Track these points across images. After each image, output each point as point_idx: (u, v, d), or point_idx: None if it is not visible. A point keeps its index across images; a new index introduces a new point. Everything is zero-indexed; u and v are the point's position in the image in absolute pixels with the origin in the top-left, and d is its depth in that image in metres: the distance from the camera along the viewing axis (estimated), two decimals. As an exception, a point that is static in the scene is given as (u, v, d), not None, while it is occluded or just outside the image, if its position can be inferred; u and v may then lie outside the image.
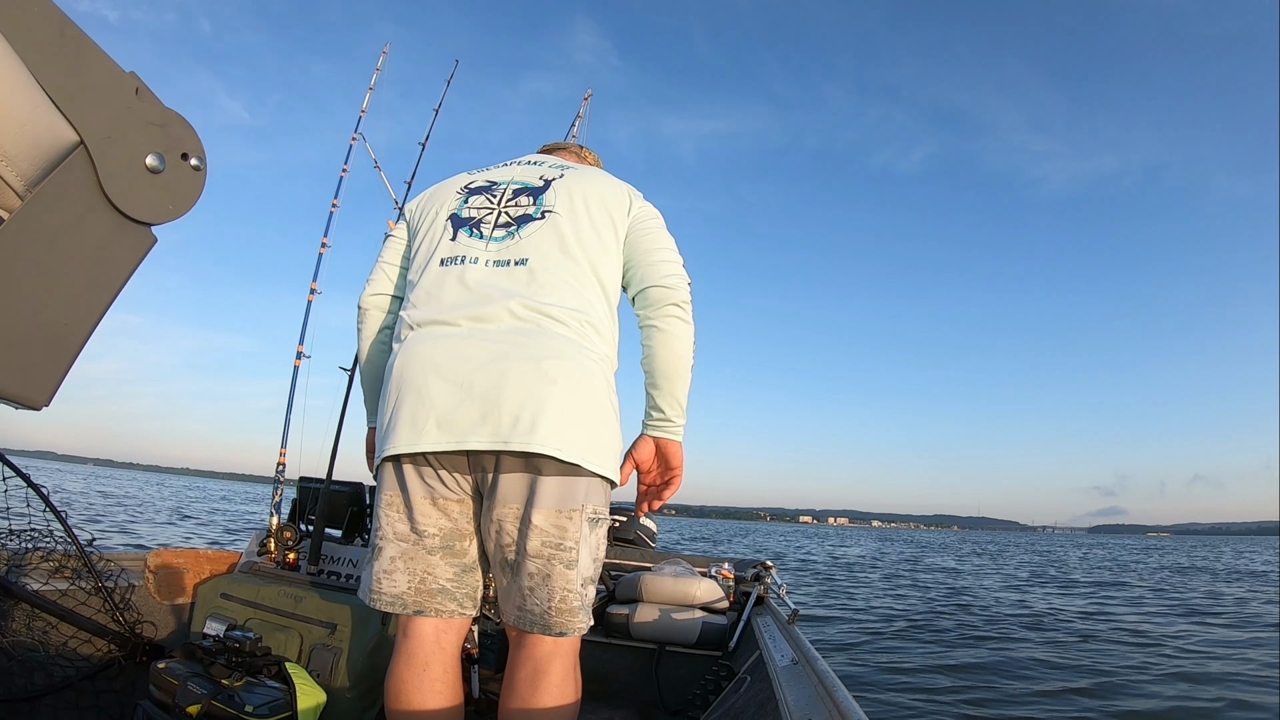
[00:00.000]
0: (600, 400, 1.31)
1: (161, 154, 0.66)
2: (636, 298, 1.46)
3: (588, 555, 1.29)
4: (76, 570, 2.03)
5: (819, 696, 1.45)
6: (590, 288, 1.38)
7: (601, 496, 1.32)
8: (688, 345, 1.43)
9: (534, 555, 1.25)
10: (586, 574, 1.29)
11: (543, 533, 1.25)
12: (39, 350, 0.62)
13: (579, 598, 1.27)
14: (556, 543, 1.25)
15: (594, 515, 1.29)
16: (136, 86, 0.64)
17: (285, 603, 2.04)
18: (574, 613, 1.26)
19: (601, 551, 1.34)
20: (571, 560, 1.26)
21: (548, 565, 1.25)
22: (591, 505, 1.29)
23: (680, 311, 1.43)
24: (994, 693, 4.81)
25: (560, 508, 1.25)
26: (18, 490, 1.87)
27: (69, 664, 1.85)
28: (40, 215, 0.59)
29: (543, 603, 1.25)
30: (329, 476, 2.43)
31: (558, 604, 1.25)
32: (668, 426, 1.46)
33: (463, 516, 1.33)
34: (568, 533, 1.26)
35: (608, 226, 1.45)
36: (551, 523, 1.25)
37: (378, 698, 1.87)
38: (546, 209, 1.43)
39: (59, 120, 0.59)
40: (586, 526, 1.28)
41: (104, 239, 0.64)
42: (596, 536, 1.32)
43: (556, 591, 1.25)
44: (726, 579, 3.01)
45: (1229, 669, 5.59)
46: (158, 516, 16.60)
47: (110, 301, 0.67)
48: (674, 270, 1.44)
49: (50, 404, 0.65)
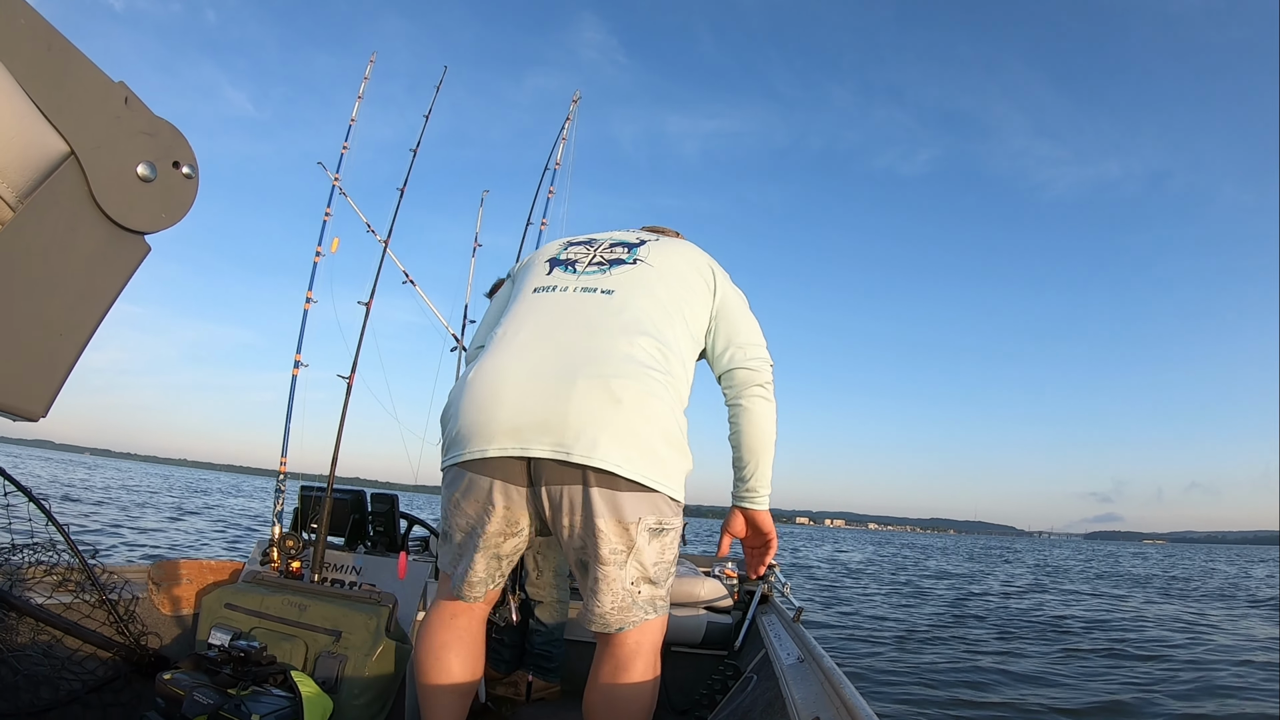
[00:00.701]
0: (665, 421, 1.36)
1: (152, 162, 0.66)
2: (723, 377, 1.58)
3: (647, 560, 1.36)
4: (80, 583, 2.03)
5: (826, 694, 1.45)
6: (668, 328, 1.46)
7: (663, 509, 1.37)
8: (771, 424, 1.55)
9: (601, 561, 1.33)
10: (640, 575, 1.36)
11: (605, 541, 1.32)
12: (34, 361, 0.62)
13: (630, 596, 1.35)
14: (614, 548, 1.32)
15: (657, 526, 1.36)
16: (126, 96, 0.64)
17: (290, 611, 2.04)
18: (627, 610, 1.35)
19: (668, 555, 1.41)
20: (622, 562, 1.33)
21: (605, 570, 1.33)
22: (654, 518, 1.35)
23: (764, 393, 1.55)
24: (1003, 696, 4.80)
25: (621, 519, 1.31)
26: (19, 503, 1.87)
27: (75, 677, 1.85)
28: (32, 226, 0.59)
29: (603, 603, 1.35)
30: (330, 485, 2.43)
31: (611, 605, 1.34)
32: (754, 498, 1.59)
33: (508, 520, 1.40)
34: (624, 541, 1.33)
35: (697, 282, 1.57)
36: (611, 533, 1.31)
37: (385, 704, 1.87)
38: (639, 258, 1.56)
39: (49, 131, 0.59)
40: (646, 536, 1.34)
41: (96, 249, 0.64)
42: (660, 544, 1.38)
43: (613, 594, 1.34)
44: (730, 578, 3.01)
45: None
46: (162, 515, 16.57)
47: (105, 310, 0.67)
48: (759, 354, 1.57)
49: (48, 414, 0.65)
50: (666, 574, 1.41)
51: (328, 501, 2.35)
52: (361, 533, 2.58)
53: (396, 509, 2.55)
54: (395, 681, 1.89)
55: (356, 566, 2.34)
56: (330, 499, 2.38)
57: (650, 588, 1.38)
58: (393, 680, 1.88)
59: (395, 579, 2.20)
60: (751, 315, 1.64)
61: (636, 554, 1.34)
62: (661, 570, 1.39)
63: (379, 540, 2.55)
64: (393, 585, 2.16)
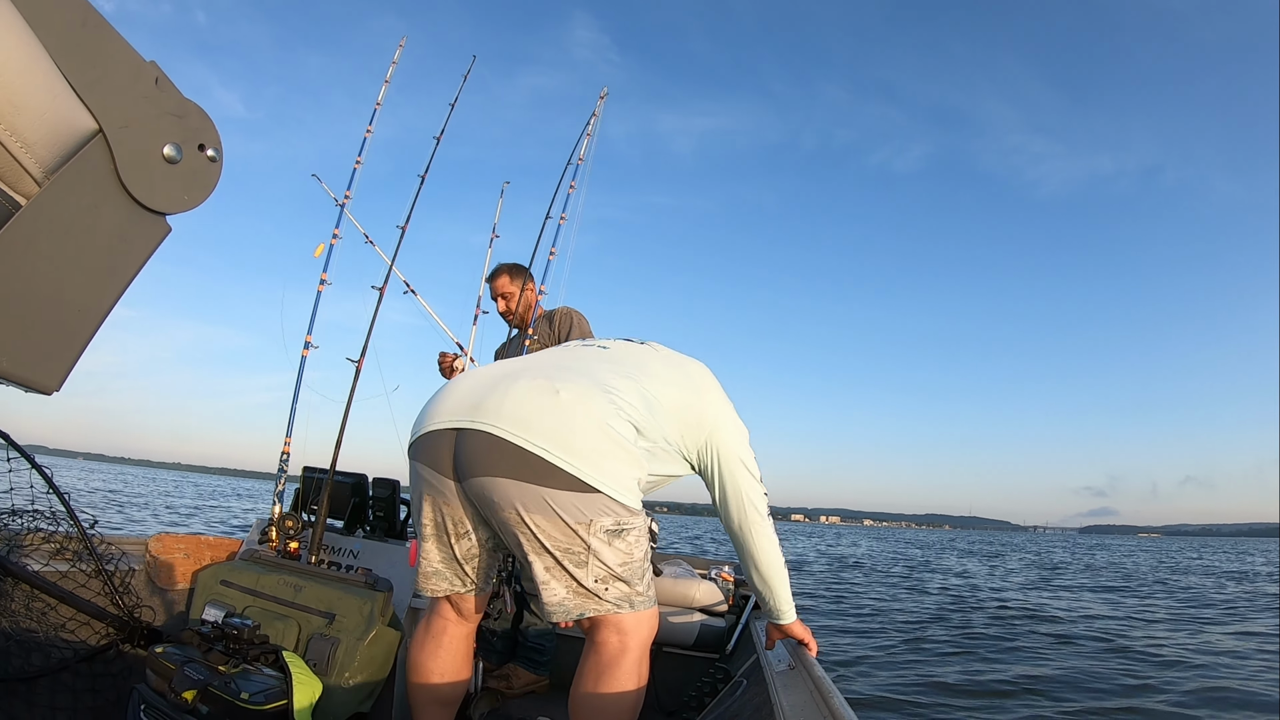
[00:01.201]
0: (612, 423, 1.39)
1: (179, 144, 0.67)
2: (720, 506, 1.64)
3: (610, 560, 1.36)
4: (78, 552, 2.03)
5: (815, 702, 1.45)
6: (647, 397, 1.49)
7: (616, 510, 1.37)
8: (775, 548, 1.65)
9: (544, 553, 1.34)
10: (606, 574, 1.36)
11: (547, 537, 1.33)
12: (52, 335, 0.62)
13: (590, 590, 1.35)
14: (563, 546, 1.33)
15: (615, 527, 1.36)
16: (156, 76, 0.64)
17: (285, 591, 2.04)
18: (587, 600, 1.36)
19: (636, 553, 1.41)
20: (581, 561, 1.34)
21: (553, 563, 1.34)
22: (610, 519, 1.35)
23: (761, 522, 1.62)
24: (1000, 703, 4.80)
25: (565, 518, 1.32)
26: (21, 471, 1.88)
27: (67, 646, 1.86)
28: (57, 202, 0.59)
29: (555, 593, 1.36)
30: (333, 467, 2.44)
31: (568, 594, 1.36)
32: (779, 616, 1.74)
33: (449, 515, 1.45)
34: (577, 542, 1.33)
35: (684, 380, 1.62)
36: (553, 529, 1.32)
37: (374, 689, 1.88)
38: (644, 341, 1.73)
39: (79, 108, 0.59)
40: (603, 537, 1.35)
41: (119, 227, 0.64)
42: (624, 544, 1.38)
43: (562, 590, 1.36)
44: (726, 582, 3.01)
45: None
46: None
47: (123, 289, 0.67)
48: (751, 485, 1.62)
49: (60, 389, 0.65)
50: (637, 568, 1.41)
51: (329, 483, 2.36)
52: (361, 517, 2.59)
53: (397, 494, 2.56)
54: (386, 667, 1.90)
55: (354, 550, 2.35)
56: (331, 481, 2.39)
57: (621, 585, 1.38)
58: (384, 665, 1.89)
59: (392, 564, 2.21)
60: (742, 429, 1.68)
61: (596, 555, 1.34)
62: (630, 567, 1.39)
63: (378, 525, 2.56)
64: (389, 571, 2.16)
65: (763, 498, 1.65)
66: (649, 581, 1.45)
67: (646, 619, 1.42)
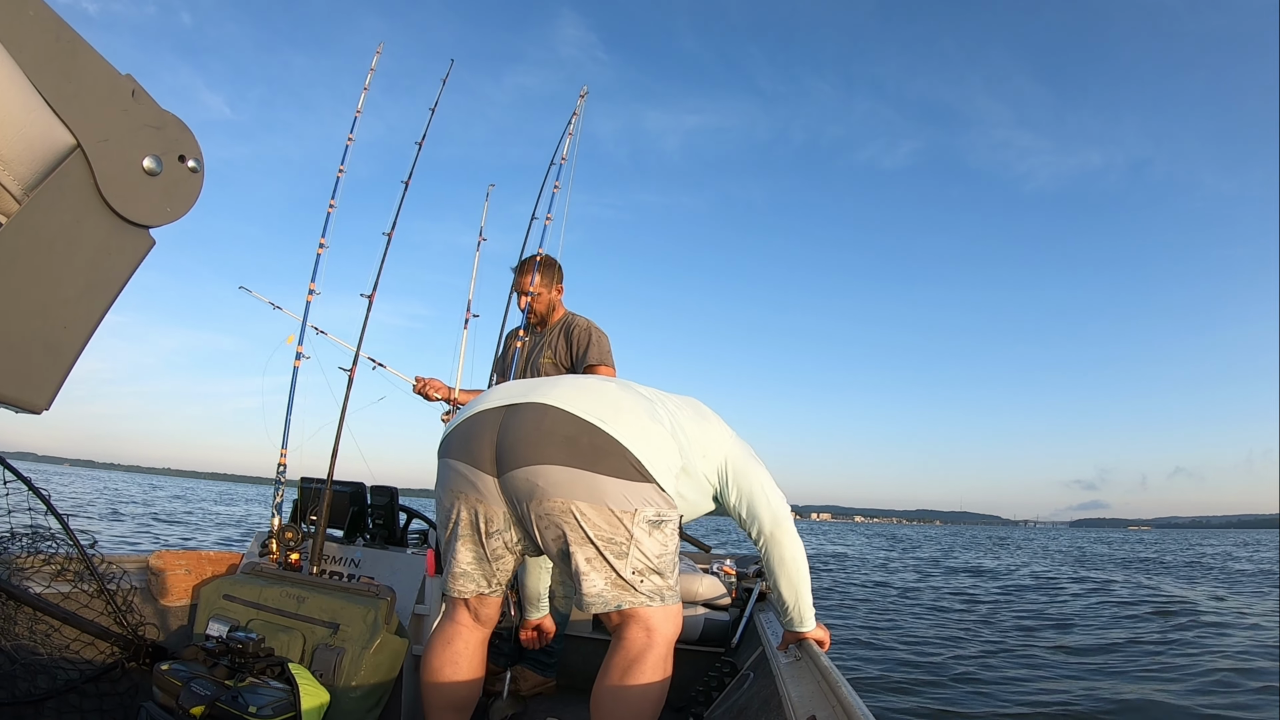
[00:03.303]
0: (655, 416, 1.49)
1: (158, 156, 0.66)
2: (747, 519, 1.66)
3: (650, 551, 1.40)
4: (79, 573, 2.03)
5: (823, 692, 1.45)
6: (674, 415, 1.59)
7: (658, 500, 1.41)
8: (803, 554, 1.67)
9: (587, 542, 1.36)
10: (645, 566, 1.39)
11: (590, 525, 1.35)
12: (39, 354, 0.62)
13: (628, 582, 1.38)
14: (609, 537, 1.36)
15: (656, 518, 1.40)
16: (133, 89, 0.64)
17: (288, 603, 2.04)
18: (623, 592, 1.37)
19: (670, 546, 1.44)
20: (622, 552, 1.37)
21: (595, 553, 1.36)
22: (652, 509, 1.39)
23: (787, 537, 1.64)
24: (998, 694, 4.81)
25: (610, 506, 1.35)
26: (19, 493, 1.87)
27: (72, 667, 1.85)
28: (38, 219, 0.59)
29: (594, 583, 1.37)
30: (330, 477, 2.43)
31: (606, 584, 1.37)
32: (802, 624, 1.76)
33: (484, 512, 1.47)
34: (620, 532, 1.37)
35: (692, 409, 1.69)
36: (598, 519, 1.35)
37: (381, 697, 1.87)
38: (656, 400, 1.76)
39: (55, 124, 0.59)
40: (645, 528, 1.38)
41: (102, 242, 0.64)
42: (662, 535, 1.42)
43: (603, 580, 1.37)
44: (729, 575, 3.01)
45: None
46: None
47: (109, 304, 0.67)
48: (773, 490, 1.66)
49: (50, 407, 0.65)
50: (670, 562, 1.44)
51: (327, 493, 2.35)
52: (361, 525, 2.58)
53: (396, 501, 2.55)
54: (392, 674, 1.89)
55: (355, 559, 2.34)
56: (330, 491, 2.38)
57: (656, 578, 1.40)
58: (390, 673, 1.89)
59: (394, 572, 2.20)
60: (757, 461, 1.72)
61: (637, 545, 1.37)
62: (665, 560, 1.42)
63: (378, 533, 2.55)
64: (391, 578, 2.16)
65: (784, 503, 1.68)
66: (678, 577, 1.47)
67: (673, 615, 1.44)
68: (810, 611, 1.77)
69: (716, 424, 1.71)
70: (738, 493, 1.65)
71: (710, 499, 1.68)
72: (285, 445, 2.60)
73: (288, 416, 2.62)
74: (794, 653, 1.85)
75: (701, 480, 1.62)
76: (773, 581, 1.72)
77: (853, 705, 1.25)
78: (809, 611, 1.76)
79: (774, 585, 1.73)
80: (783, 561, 1.66)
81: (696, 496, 1.63)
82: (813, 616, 1.78)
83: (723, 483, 1.65)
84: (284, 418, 2.63)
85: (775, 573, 1.68)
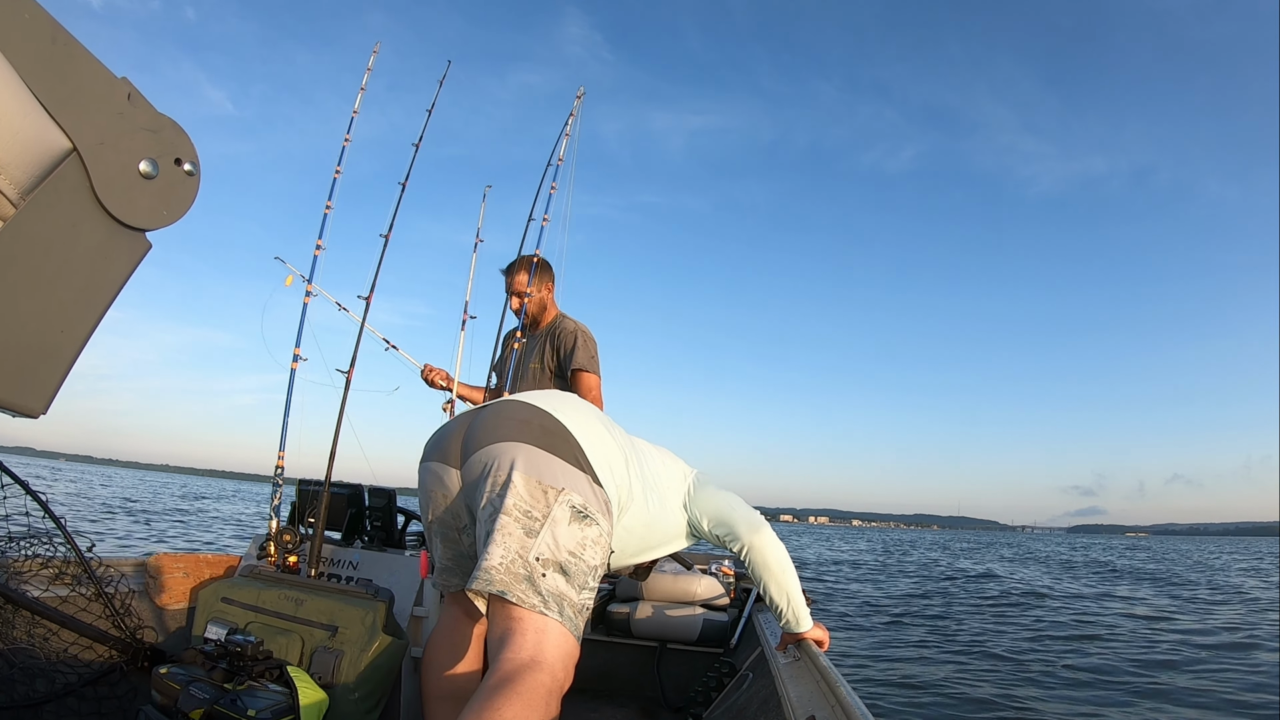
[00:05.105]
0: (609, 429, 1.52)
1: (155, 159, 0.66)
2: (726, 536, 1.70)
3: (562, 539, 1.25)
4: (77, 576, 2.02)
5: (821, 692, 1.45)
6: (636, 444, 1.65)
7: (588, 493, 1.33)
8: (785, 554, 1.71)
9: (504, 511, 1.24)
10: (551, 554, 1.23)
11: (513, 493, 1.26)
12: (35, 358, 0.62)
13: (529, 568, 1.21)
14: (523, 506, 1.25)
15: (581, 508, 1.30)
16: (129, 92, 0.64)
17: (286, 606, 2.04)
18: (519, 579, 1.19)
19: (588, 555, 1.28)
20: (534, 529, 1.23)
21: (504, 520, 1.23)
22: (579, 497, 1.30)
23: (767, 542, 1.68)
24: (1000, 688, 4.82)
25: (540, 479, 1.29)
26: (16, 497, 1.87)
27: (70, 670, 1.85)
28: (34, 223, 0.59)
29: (492, 556, 1.20)
30: (328, 479, 2.43)
31: (500, 560, 1.20)
32: (799, 624, 1.79)
33: (449, 506, 1.47)
34: (540, 505, 1.26)
35: (658, 450, 1.76)
36: (522, 487, 1.27)
37: (380, 699, 1.87)
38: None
39: (51, 127, 0.59)
40: (566, 511, 1.27)
41: (98, 245, 0.64)
42: (582, 532, 1.28)
43: (506, 550, 1.21)
44: (727, 576, 3.01)
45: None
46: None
47: (106, 308, 0.67)
48: (740, 503, 1.73)
49: (47, 411, 0.65)
50: (583, 575, 1.26)
51: (325, 495, 2.35)
52: (359, 527, 2.58)
53: (394, 503, 2.55)
54: (391, 676, 1.89)
55: (354, 561, 2.34)
56: (328, 493, 2.38)
57: (559, 579, 1.22)
58: (388, 675, 1.89)
59: (392, 574, 2.20)
60: (719, 490, 1.79)
61: (552, 525, 1.24)
62: (578, 566, 1.25)
63: (376, 535, 2.55)
64: (389, 580, 2.16)
65: (753, 510, 1.72)
66: (585, 609, 1.27)
67: (568, 643, 1.19)
68: (805, 611, 1.78)
69: (677, 460, 1.79)
70: (709, 516, 1.69)
71: (683, 534, 1.72)
72: (283, 446, 2.60)
73: (285, 417, 2.62)
74: (793, 653, 1.85)
75: (671, 511, 1.67)
76: (763, 588, 1.74)
77: (852, 705, 1.25)
78: (804, 611, 1.77)
79: (765, 591, 1.74)
80: (767, 566, 1.69)
81: (663, 529, 1.66)
82: (808, 616, 1.79)
83: (693, 513, 1.70)
84: (281, 419, 2.63)
85: (763, 579, 1.71)
